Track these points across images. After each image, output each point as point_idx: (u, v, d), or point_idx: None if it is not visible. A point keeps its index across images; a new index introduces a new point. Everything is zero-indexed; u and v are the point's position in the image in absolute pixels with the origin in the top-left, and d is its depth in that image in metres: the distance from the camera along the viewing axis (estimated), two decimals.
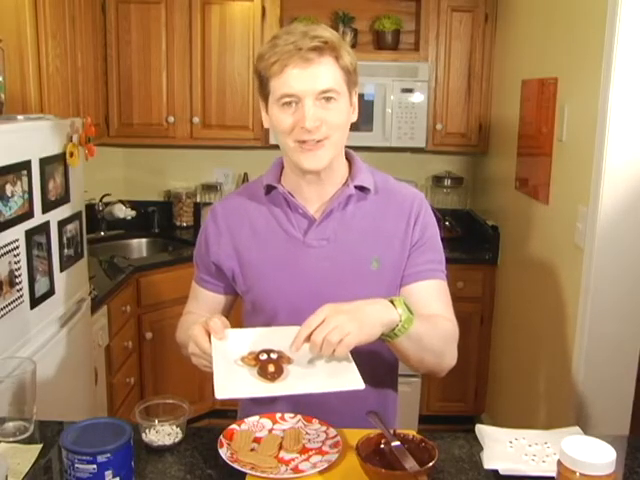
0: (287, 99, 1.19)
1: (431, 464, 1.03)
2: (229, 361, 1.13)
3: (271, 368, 1.09)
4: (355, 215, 1.32)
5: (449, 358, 1.29)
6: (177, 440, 1.20)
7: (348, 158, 1.37)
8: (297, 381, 1.09)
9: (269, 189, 1.34)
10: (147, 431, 1.18)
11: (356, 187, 1.31)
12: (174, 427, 1.20)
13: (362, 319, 1.08)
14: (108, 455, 0.98)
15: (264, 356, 1.11)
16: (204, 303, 1.45)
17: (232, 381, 1.09)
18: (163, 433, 1.19)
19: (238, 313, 1.47)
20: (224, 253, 1.36)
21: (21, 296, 1.75)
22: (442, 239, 1.39)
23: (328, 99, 1.19)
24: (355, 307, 1.10)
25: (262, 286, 1.33)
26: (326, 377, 1.10)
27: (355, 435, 1.14)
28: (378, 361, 1.34)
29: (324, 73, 1.18)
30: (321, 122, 1.19)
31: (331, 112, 1.20)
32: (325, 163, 1.24)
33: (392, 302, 1.14)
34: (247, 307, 1.40)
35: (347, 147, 1.36)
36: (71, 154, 2.01)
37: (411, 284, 1.32)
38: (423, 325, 1.18)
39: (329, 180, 1.31)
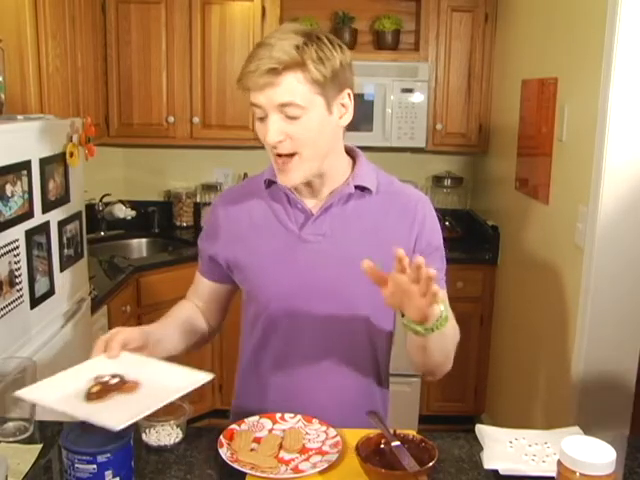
0: (258, 112, 1.20)
1: (431, 464, 1.03)
2: (78, 375, 1.09)
3: (94, 389, 1.05)
4: (354, 213, 1.32)
5: (450, 362, 1.32)
6: (177, 440, 1.20)
7: (353, 156, 1.36)
8: (123, 405, 1.03)
9: (269, 183, 1.35)
10: (147, 431, 1.18)
11: (357, 187, 1.31)
12: (174, 427, 1.20)
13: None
14: (108, 455, 0.98)
15: (106, 378, 1.08)
16: (202, 291, 1.48)
17: (47, 388, 1.05)
18: (163, 433, 1.19)
19: (237, 307, 1.48)
20: (222, 243, 1.38)
21: (21, 296, 1.75)
22: (442, 239, 1.39)
23: (293, 114, 1.17)
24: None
25: (256, 277, 1.34)
26: (171, 388, 1.05)
27: (355, 435, 1.14)
28: (357, 355, 1.36)
29: (282, 91, 1.16)
30: (285, 136, 1.18)
31: (296, 127, 1.18)
32: (298, 181, 1.25)
33: None
34: (244, 296, 1.43)
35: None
36: (71, 154, 2.01)
37: None
38: (450, 327, 1.19)
39: (323, 184, 1.31)
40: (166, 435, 1.19)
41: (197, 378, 1.07)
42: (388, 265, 1.31)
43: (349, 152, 1.37)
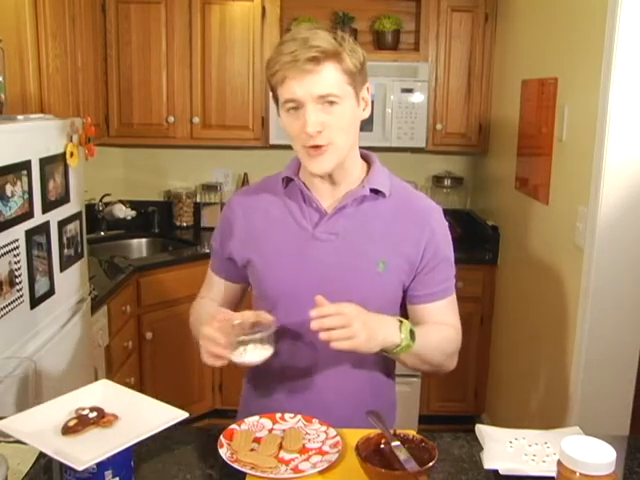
0: (291, 104, 1.22)
1: (431, 464, 1.03)
2: (60, 407, 1.10)
3: (71, 423, 1.05)
4: (368, 215, 1.33)
5: (447, 367, 1.38)
6: (268, 355, 1.19)
7: (367, 160, 1.39)
8: (95, 440, 1.03)
9: (287, 181, 1.37)
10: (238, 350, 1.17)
11: (371, 190, 1.32)
12: (262, 343, 1.19)
13: (372, 334, 1.16)
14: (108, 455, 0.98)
15: (85, 411, 1.09)
16: (217, 290, 1.49)
17: (28, 419, 1.05)
18: (251, 349, 1.18)
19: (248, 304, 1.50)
20: (238, 241, 1.39)
21: (21, 296, 1.75)
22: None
23: (330, 103, 1.21)
24: (373, 320, 1.17)
25: (267, 273, 1.36)
26: (147, 425, 1.05)
27: (355, 435, 1.14)
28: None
29: (322, 80, 1.20)
30: (323, 127, 1.21)
31: (333, 116, 1.22)
32: (330, 167, 1.27)
33: (400, 324, 1.21)
34: (254, 293, 1.45)
35: (366, 149, 1.39)
36: (71, 154, 2.01)
37: (429, 303, 1.37)
38: (428, 345, 1.26)
39: (342, 181, 1.33)
40: (255, 351, 1.18)
41: (173, 415, 1.07)
42: (394, 267, 1.32)
43: (364, 156, 1.39)
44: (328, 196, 1.34)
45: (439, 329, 1.35)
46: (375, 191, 1.33)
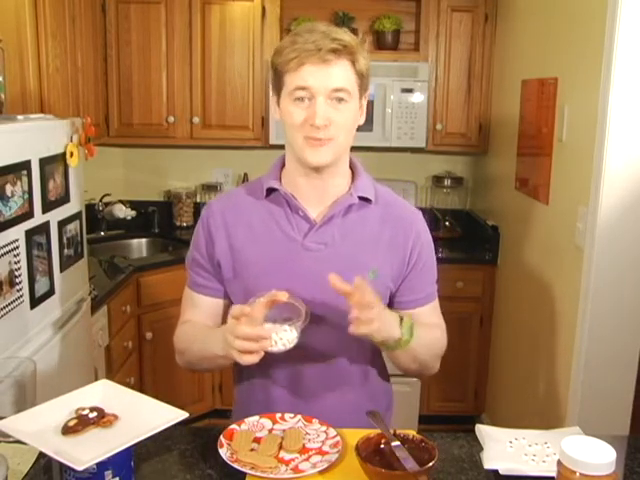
0: (301, 93, 1.21)
1: (431, 464, 1.03)
2: (60, 407, 1.10)
3: (71, 422, 1.05)
4: (356, 224, 1.32)
5: (433, 368, 1.41)
6: (297, 340, 1.17)
7: (352, 168, 1.37)
8: (95, 440, 1.03)
9: (270, 191, 1.33)
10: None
11: (359, 198, 1.32)
12: (293, 330, 1.17)
13: (382, 325, 1.17)
14: (108, 455, 0.98)
15: (86, 411, 1.08)
16: (203, 310, 1.40)
17: (28, 419, 1.05)
18: (280, 336, 1.17)
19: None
20: (220, 249, 1.34)
21: (21, 296, 1.75)
22: (442, 239, 1.42)
23: (339, 99, 1.22)
24: (385, 312, 1.20)
25: (258, 285, 1.28)
26: (147, 425, 1.05)
27: (355, 435, 1.14)
28: (359, 358, 1.38)
29: (339, 73, 1.21)
30: (330, 122, 1.22)
31: (340, 113, 1.23)
32: (329, 159, 1.26)
33: (401, 320, 1.22)
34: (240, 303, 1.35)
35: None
36: (71, 154, 2.01)
37: (414, 309, 1.37)
38: (421, 343, 1.27)
39: (331, 182, 1.31)
40: (286, 340, 1.17)
41: (173, 415, 1.07)
42: (384, 275, 1.32)
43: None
44: (315, 204, 1.32)
45: (429, 328, 1.36)
46: (362, 198, 1.32)
